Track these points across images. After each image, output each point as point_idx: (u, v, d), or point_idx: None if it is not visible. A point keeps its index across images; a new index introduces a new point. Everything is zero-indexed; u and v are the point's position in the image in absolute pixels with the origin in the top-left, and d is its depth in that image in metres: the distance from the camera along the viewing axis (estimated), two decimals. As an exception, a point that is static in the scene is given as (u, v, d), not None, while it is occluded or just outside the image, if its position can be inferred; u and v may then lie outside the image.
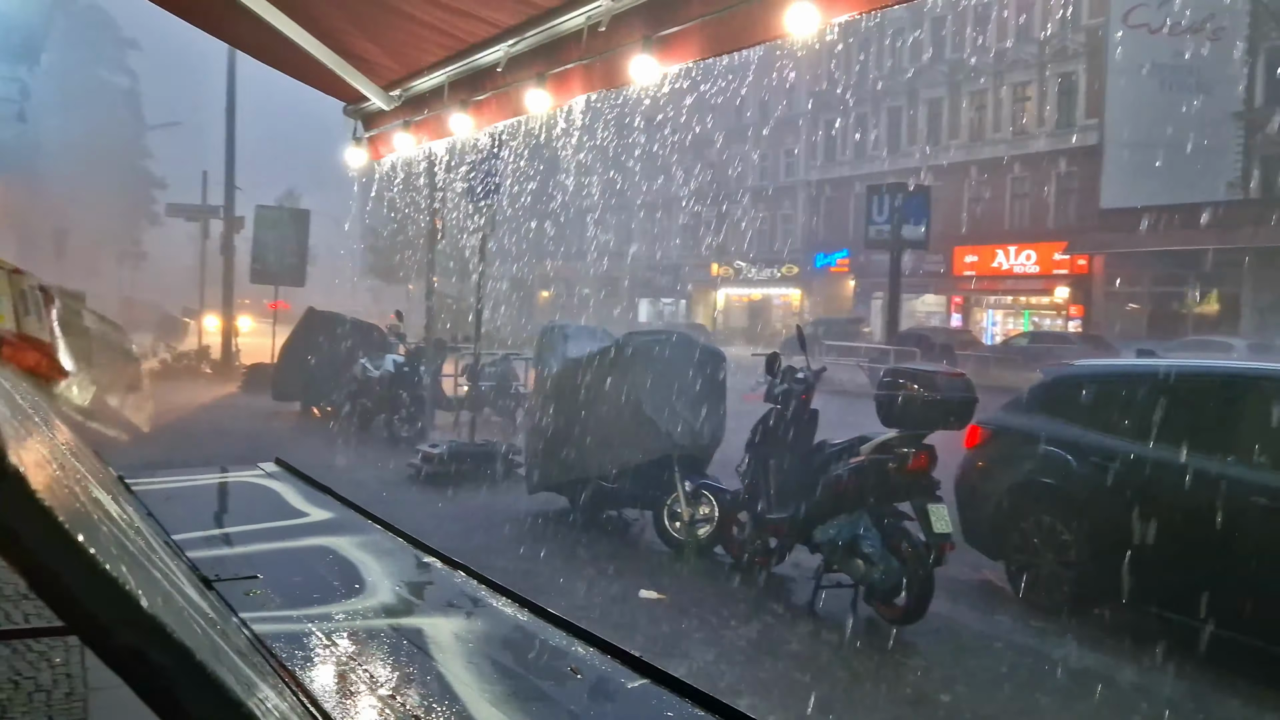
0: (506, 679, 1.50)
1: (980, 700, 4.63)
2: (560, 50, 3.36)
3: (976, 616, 6.02)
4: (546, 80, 3.46)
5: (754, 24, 2.53)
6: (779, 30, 2.44)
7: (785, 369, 6.52)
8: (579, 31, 3.22)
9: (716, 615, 5.73)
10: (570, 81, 3.37)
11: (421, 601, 1.83)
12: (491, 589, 1.89)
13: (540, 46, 3.48)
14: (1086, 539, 5.93)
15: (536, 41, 3.50)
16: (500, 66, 3.70)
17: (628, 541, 7.60)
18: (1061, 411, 6.51)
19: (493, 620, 1.74)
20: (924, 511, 5.48)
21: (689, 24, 2.72)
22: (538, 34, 3.45)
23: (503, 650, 1.61)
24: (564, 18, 3.26)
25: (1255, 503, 5.07)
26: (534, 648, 1.64)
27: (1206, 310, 32.56)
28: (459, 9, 3.56)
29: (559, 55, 3.38)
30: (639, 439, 7.25)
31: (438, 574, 2.02)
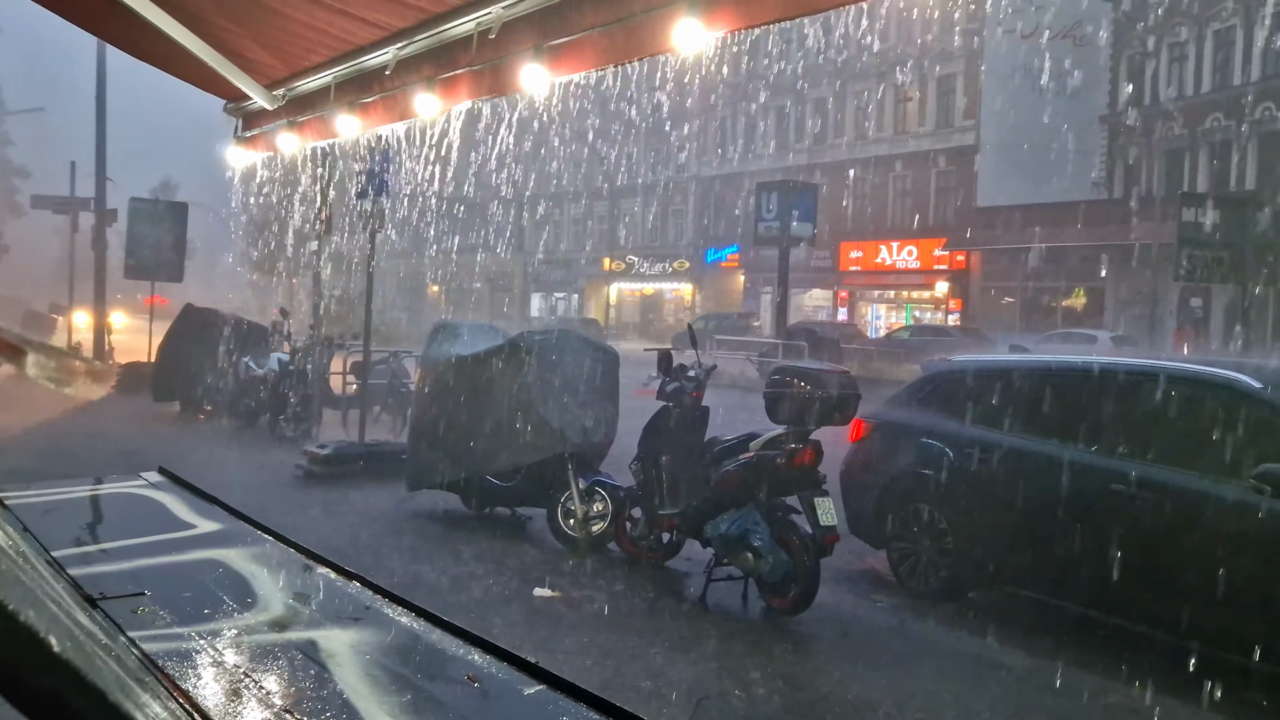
0: (403, 689, 1.53)
1: (861, 683, 4.81)
2: (450, 55, 3.37)
3: (860, 603, 6.25)
4: (436, 85, 3.46)
5: (643, 38, 2.59)
6: (666, 45, 2.51)
7: (677, 367, 6.63)
8: (469, 37, 3.23)
9: (611, 611, 5.80)
10: (459, 87, 3.38)
11: (316, 613, 1.83)
12: (386, 598, 1.91)
13: (429, 51, 3.48)
14: (962, 527, 6.22)
15: (426, 45, 3.49)
16: (389, 69, 3.68)
17: (521, 540, 7.61)
18: (939, 405, 6.79)
19: (388, 629, 1.76)
20: (810, 504, 5.67)
21: (580, 34, 2.77)
22: (427, 38, 3.45)
23: (398, 660, 1.64)
24: (454, 23, 3.26)
25: (1115, 489, 5.40)
26: (430, 656, 1.67)
27: (1075, 303, 34.22)
28: (347, 11, 3.53)
29: (449, 60, 3.38)
30: (532, 437, 7.27)
31: (331, 584, 2.03)
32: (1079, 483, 5.53)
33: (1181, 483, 5.18)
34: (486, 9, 3.08)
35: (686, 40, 2.42)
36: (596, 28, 2.70)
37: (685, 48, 2.45)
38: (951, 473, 6.34)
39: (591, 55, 2.77)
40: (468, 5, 3.15)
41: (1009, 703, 4.66)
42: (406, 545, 7.23)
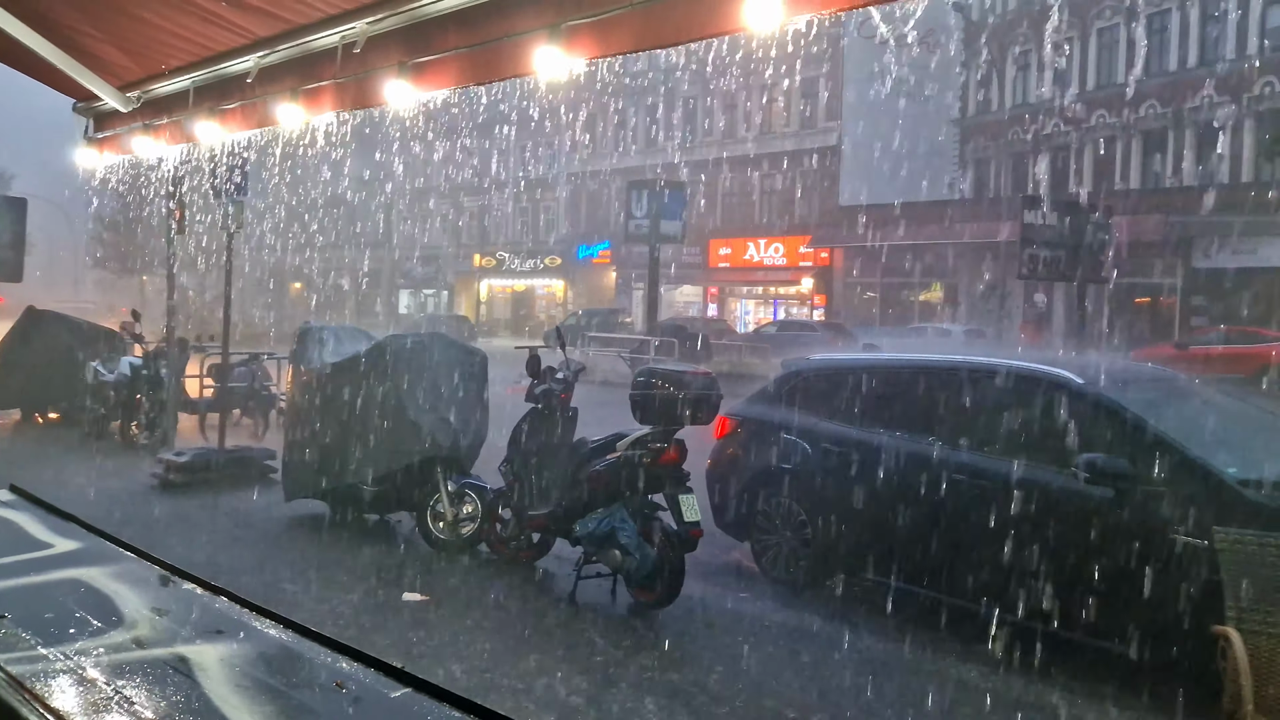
0: (272, 699, 1.59)
1: (725, 671, 5.03)
2: (314, 66, 3.38)
3: (725, 594, 6.48)
4: (299, 95, 3.47)
5: (506, 60, 2.68)
6: (528, 69, 2.61)
7: (545, 369, 6.72)
8: (333, 50, 3.26)
9: (481, 612, 5.87)
10: (323, 98, 3.40)
11: (182, 628, 1.87)
12: (252, 610, 1.96)
13: (293, 61, 3.49)
14: (819, 518, 6.52)
15: (289, 55, 3.50)
16: (250, 77, 3.66)
17: (390, 545, 7.58)
18: (798, 402, 7.09)
19: (255, 641, 1.82)
20: (676, 501, 5.86)
21: (445, 54, 2.84)
22: (290, 48, 3.46)
23: (267, 670, 1.69)
24: (318, 35, 3.28)
25: (958, 479, 5.77)
26: (298, 665, 1.74)
27: (931, 298, 35.81)
28: (208, 17, 3.50)
29: (313, 71, 3.40)
30: (401, 442, 7.25)
31: (196, 598, 2.06)
32: (925, 474, 5.88)
33: (1015, 472, 5.58)
34: (350, 23, 3.12)
35: (547, 66, 2.53)
36: (461, 48, 2.78)
37: (546, 73, 2.56)
38: (809, 466, 6.64)
39: (455, 74, 2.85)
40: (332, 19, 3.18)
41: (862, 683, 4.94)
42: (273, 555, 7.11)
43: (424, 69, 2.93)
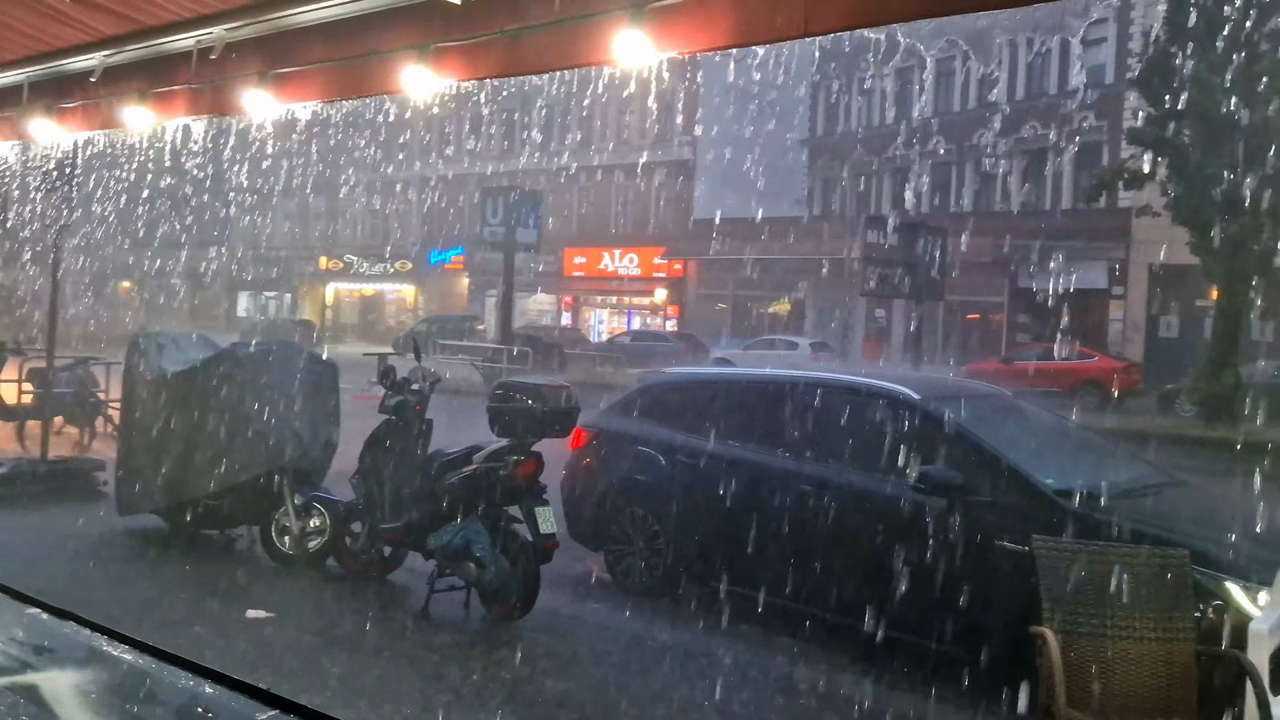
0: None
1: (580, 680, 5.09)
2: (167, 70, 3.28)
3: (579, 605, 6.54)
4: (149, 98, 3.35)
5: (373, 77, 2.67)
6: (395, 87, 2.61)
7: (400, 380, 6.63)
8: (188, 54, 3.16)
9: (329, 627, 5.74)
10: (176, 103, 3.30)
11: (34, 657, 1.80)
12: (105, 635, 1.90)
13: (143, 62, 3.36)
14: (672, 528, 6.67)
15: (138, 56, 3.37)
16: (95, 76, 3.51)
17: (233, 561, 7.31)
18: (653, 414, 7.24)
19: (111, 668, 1.77)
20: (532, 513, 5.89)
21: (308, 66, 2.81)
22: (140, 49, 3.33)
23: (126, 698, 1.66)
24: (172, 38, 3.18)
25: (804, 490, 6.02)
26: (158, 691, 1.70)
27: (780, 311, 36.93)
28: (49, 11, 3.34)
29: (165, 74, 3.29)
30: (246, 453, 7.01)
31: (45, 625, 1.98)
32: (774, 485, 6.11)
33: (857, 483, 5.86)
34: (207, 29, 3.04)
35: (416, 86, 2.54)
36: (327, 62, 2.76)
37: (415, 92, 2.57)
38: (663, 478, 6.78)
39: (320, 87, 2.82)
40: (187, 22, 3.09)
41: (710, 686, 5.09)
42: (106, 574, 6.75)
43: (286, 80, 2.89)
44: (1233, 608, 4.38)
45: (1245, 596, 4.40)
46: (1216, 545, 4.71)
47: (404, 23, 2.56)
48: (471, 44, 2.42)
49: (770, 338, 32.64)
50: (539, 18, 2.26)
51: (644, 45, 2.11)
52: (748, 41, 2.06)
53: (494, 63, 2.45)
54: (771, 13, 1.93)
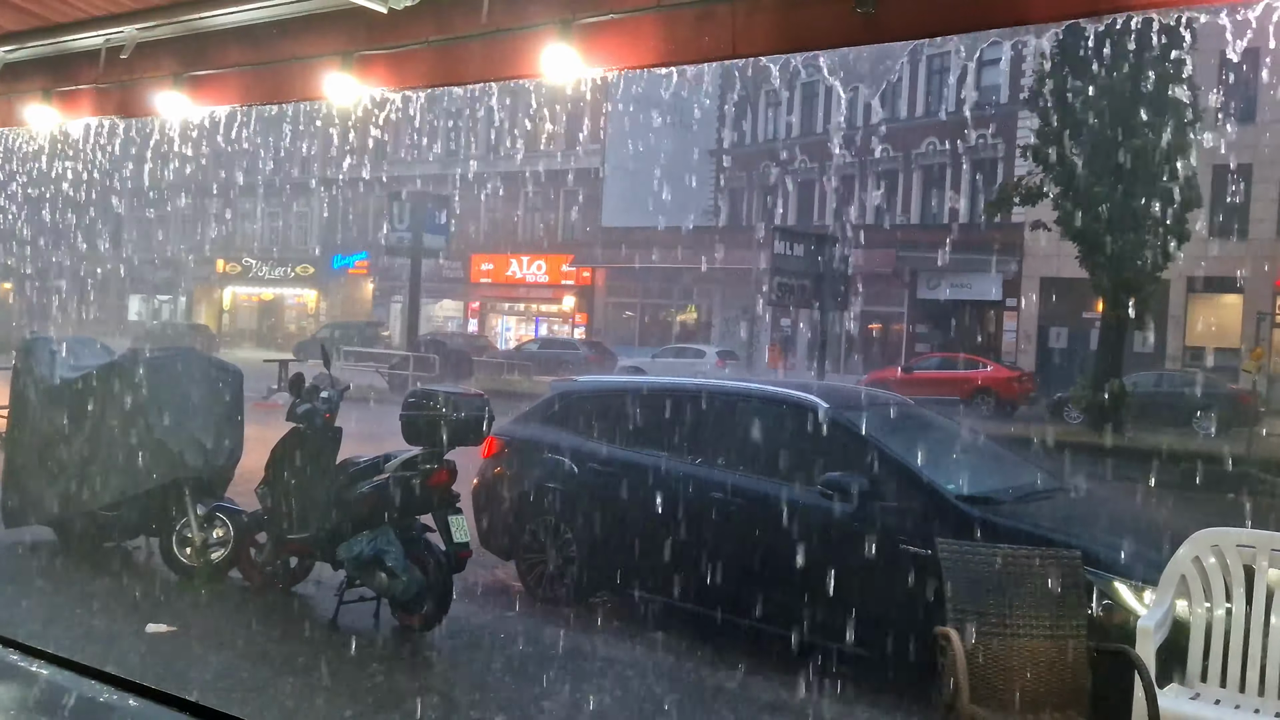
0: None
1: (491, 689, 5.07)
2: (72, 68, 3.18)
3: (491, 614, 6.50)
4: (52, 96, 3.25)
5: (293, 83, 2.64)
6: (317, 93, 2.59)
7: (309, 388, 6.51)
8: (96, 53, 3.07)
9: (232, 640, 5.60)
10: (81, 102, 3.19)
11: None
12: (16, 649, 1.85)
13: (45, 60, 3.25)
14: (585, 536, 6.69)
15: (40, 53, 3.26)
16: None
17: (131, 573, 7.06)
18: (565, 422, 7.26)
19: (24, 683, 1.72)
20: (445, 522, 5.85)
21: (226, 70, 2.75)
22: (42, 45, 3.22)
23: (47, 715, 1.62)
24: (78, 35, 3.08)
25: (715, 497, 6.11)
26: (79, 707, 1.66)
27: (687, 319, 37.29)
28: (-59, 3, 3.21)
29: (70, 73, 3.18)
30: (146, 462, 6.78)
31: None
32: (685, 492, 6.19)
33: (767, 490, 5.98)
34: (118, 27, 2.96)
35: (339, 92, 2.53)
36: (245, 65, 2.71)
37: (338, 99, 2.55)
38: (575, 486, 6.80)
39: (238, 91, 2.78)
40: (97, 20, 3.00)
41: (622, 694, 5.13)
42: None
43: (202, 83, 2.83)
44: (1121, 606, 4.61)
45: (1133, 595, 4.64)
46: (1105, 547, 4.95)
47: (327, 29, 2.53)
48: (397, 53, 2.42)
49: (678, 346, 32.95)
50: (466, 29, 2.27)
51: (573, 60, 2.14)
52: (676, 61, 2.11)
53: (421, 72, 2.45)
54: (699, 34, 1.98)
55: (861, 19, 1.90)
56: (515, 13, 2.19)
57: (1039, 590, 3.92)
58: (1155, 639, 3.90)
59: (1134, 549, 4.97)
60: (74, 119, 3.25)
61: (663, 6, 2.05)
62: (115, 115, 3.18)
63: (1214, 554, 4.14)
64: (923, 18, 1.91)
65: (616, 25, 2.09)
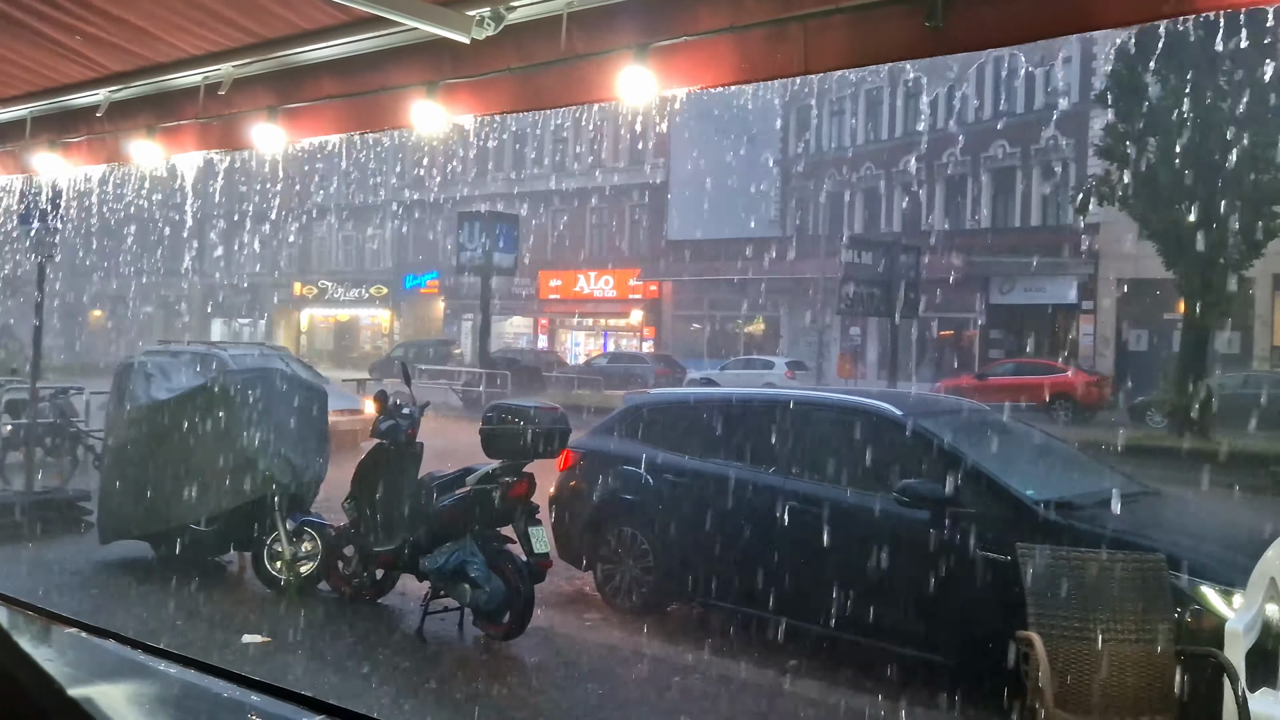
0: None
1: (575, 697, 5.17)
2: (173, 105, 3.37)
3: (572, 623, 6.62)
4: (156, 133, 3.44)
5: (383, 113, 2.78)
6: (405, 122, 2.72)
7: (392, 405, 6.71)
8: (195, 89, 3.26)
9: (328, 651, 5.78)
10: (184, 137, 3.39)
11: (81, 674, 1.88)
12: (143, 650, 1.98)
13: (149, 98, 3.45)
14: (661, 546, 6.77)
15: (144, 92, 3.46)
16: (100, 111, 3.60)
17: (225, 587, 7.33)
18: (639, 434, 7.35)
19: (154, 682, 1.84)
20: (525, 534, 5.98)
21: (319, 101, 2.91)
22: (146, 85, 3.43)
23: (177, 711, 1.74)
24: (178, 74, 3.28)
25: (791, 506, 6.14)
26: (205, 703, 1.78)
27: (755, 331, 37.16)
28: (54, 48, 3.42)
29: (172, 110, 3.38)
30: (237, 479, 7.04)
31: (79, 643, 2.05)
32: (761, 502, 6.23)
33: (843, 498, 5.99)
34: (215, 65, 3.14)
35: (425, 120, 2.66)
36: (336, 97, 2.86)
37: (424, 127, 2.68)
38: (651, 496, 6.88)
39: (331, 122, 2.93)
40: (194, 59, 3.19)
41: (702, 702, 5.18)
42: (99, 602, 6.76)
43: (296, 115, 2.99)
44: (1208, 610, 4.53)
45: (1220, 599, 4.56)
46: (1190, 551, 4.86)
47: (413, 60, 2.67)
48: (480, 81, 2.54)
49: (747, 357, 32.86)
50: (546, 56, 2.38)
51: (649, 82, 2.23)
52: (749, 79, 2.19)
53: (502, 98, 2.57)
54: (772, 51, 2.05)
55: (930, 32, 1.96)
56: (593, 39, 2.29)
57: (1122, 594, 3.88)
58: (1245, 642, 3.84)
59: (1220, 552, 4.88)
60: (177, 154, 3.44)
61: (736, 27, 2.13)
62: (216, 149, 3.37)
63: (1305, 556, 4.06)
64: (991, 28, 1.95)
65: (691, 47, 2.18)
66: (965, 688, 5.09)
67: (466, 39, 2.48)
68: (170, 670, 1.90)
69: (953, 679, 5.21)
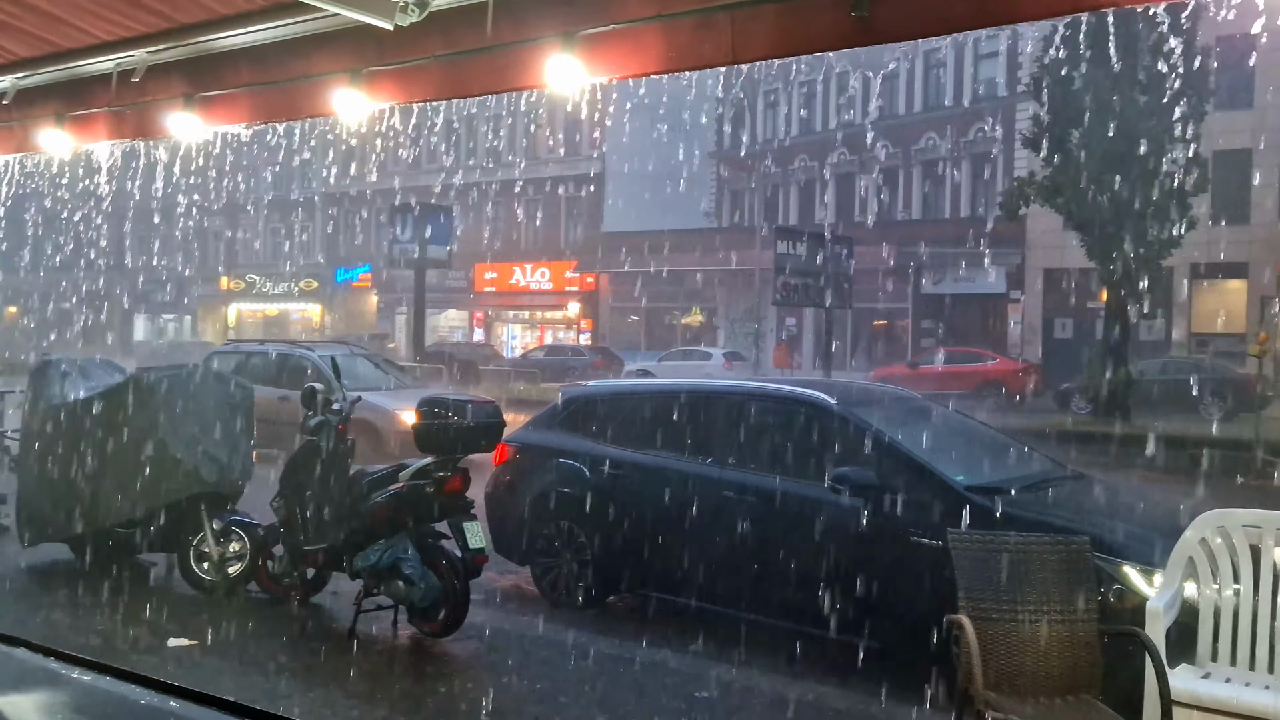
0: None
1: (510, 692, 5.13)
2: (84, 93, 3.25)
3: (508, 618, 6.56)
4: (66, 121, 3.32)
5: (303, 101, 2.71)
6: (326, 109, 2.66)
7: (321, 401, 6.58)
8: (107, 76, 3.14)
9: (258, 653, 5.66)
10: (95, 126, 3.27)
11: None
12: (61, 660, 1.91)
13: (58, 85, 3.32)
14: (598, 539, 6.75)
15: (53, 79, 3.33)
16: (7, 98, 3.45)
17: (149, 589, 7.13)
18: (576, 427, 7.32)
19: (72, 691, 1.78)
20: (460, 529, 5.91)
21: (237, 90, 2.82)
22: (56, 71, 3.30)
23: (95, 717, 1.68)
24: (89, 60, 3.16)
25: (727, 496, 6.17)
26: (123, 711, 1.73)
27: (692, 322, 37.33)
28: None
29: (82, 98, 3.25)
30: (162, 479, 6.85)
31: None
32: (697, 492, 6.24)
33: (778, 487, 6.03)
34: (129, 51, 3.03)
35: (348, 108, 2.59)
36: (254, 85, 2.78)
37: (347, 115, 2.62)
38: (588, 489, 6.85)
39: (249, 110, 2.85)
40: (107, 45, 3.07)
41: (639, 692, 5.18)
42: (18, 610, 6.53)
43: (214, 103, 2.90)
44: (1131, 589, 4.66)
45: (1142, 578, 4.69)
46: (1113, 532, 5.00)
47: (335, 47, 2.60)
48: (405, 68, 2.48)
49: (684, 348, 32.98)
50: (472, 43, 2.33)
51: (576, 70, 2.21)
52: (677, 68, 2.17)
53: (427, 87, 2.52)
54: (700, 40, 2.04)
55: (857, 22, 1.97)
56: (519, 26, 2.25)
57: (1048, 576, 3.96)
58: (1165, 620, 3.95)
59: (1142, 533, 5.02)
60: (88, 143, 3.32)
61: (663, 16, 2.11)
62: (129, 138, 3.25)
63: (1220, 535, 4.19)
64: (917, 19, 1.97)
65: (618, 35, 2.15)
66: (900, 672, 5.16)
67: (390, 25, 2.43)
68: (85, 678, 1.84)
69: (888, 663, 5.29)
